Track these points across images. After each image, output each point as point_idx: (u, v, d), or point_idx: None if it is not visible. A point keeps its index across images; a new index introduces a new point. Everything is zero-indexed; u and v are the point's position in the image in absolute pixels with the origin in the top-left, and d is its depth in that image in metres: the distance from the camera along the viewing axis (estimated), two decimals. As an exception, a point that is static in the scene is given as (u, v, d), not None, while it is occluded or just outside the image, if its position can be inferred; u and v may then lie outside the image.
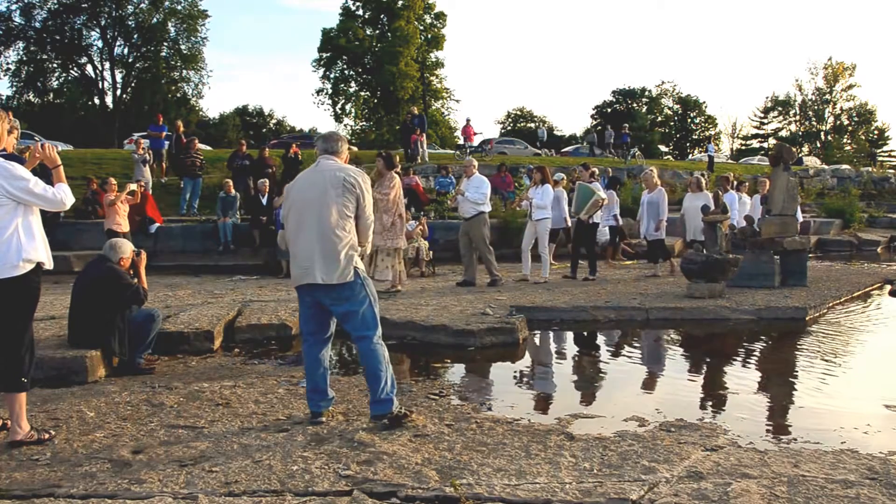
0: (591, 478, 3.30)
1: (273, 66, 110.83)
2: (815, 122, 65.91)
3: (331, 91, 51.73)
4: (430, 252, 12.42)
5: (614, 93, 67.82)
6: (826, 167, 34.92)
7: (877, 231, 20.63)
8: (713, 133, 66.72)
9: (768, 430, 4.29)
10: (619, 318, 7.96)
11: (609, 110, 65.47)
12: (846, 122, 65.70)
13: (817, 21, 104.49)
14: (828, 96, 65.46)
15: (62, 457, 3.64)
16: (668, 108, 69.29)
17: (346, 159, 4.37)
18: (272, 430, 4.03)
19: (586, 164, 11.97)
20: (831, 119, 66.05)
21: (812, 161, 42.68)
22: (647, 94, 67.90)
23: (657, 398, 5.11)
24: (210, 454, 3.64)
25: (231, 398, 4.73)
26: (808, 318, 7.88)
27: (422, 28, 52.33)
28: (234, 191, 14.58)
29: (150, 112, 35.43)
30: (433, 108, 52.61)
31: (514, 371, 6.12)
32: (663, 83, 69.24)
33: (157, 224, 13.93)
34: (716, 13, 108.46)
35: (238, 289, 10.23)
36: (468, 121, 28.95)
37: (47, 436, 3.85)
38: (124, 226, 10.99)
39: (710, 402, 5.01)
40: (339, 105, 52.11)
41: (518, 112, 70.74)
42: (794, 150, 13.30)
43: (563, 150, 38.62)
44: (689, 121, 68.74)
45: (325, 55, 50.80)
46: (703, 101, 68.55)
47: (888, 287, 10.40)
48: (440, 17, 52.88)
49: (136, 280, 5.66)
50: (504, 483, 3.24)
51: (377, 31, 51.30)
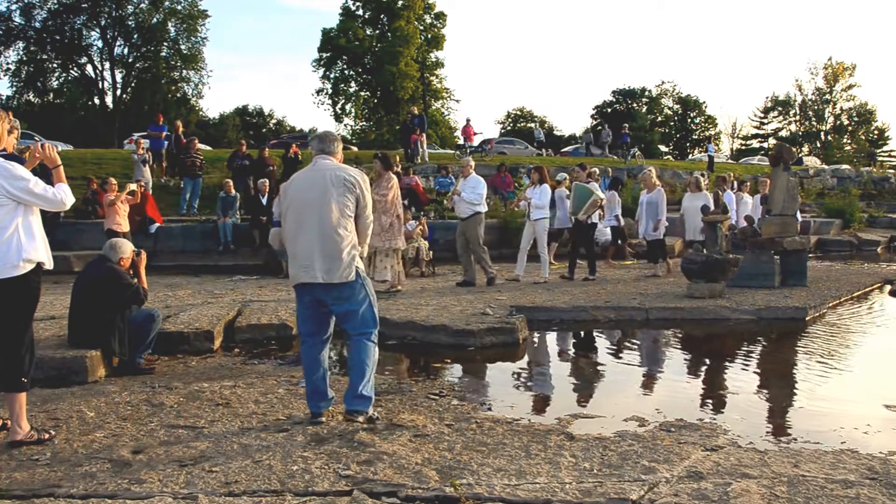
0: (591, 478, 3.30)
1: (273, 66, 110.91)
2: (815, 122, 65.89)
3: (331, 91, 51.82)
4: (430, 252, 12.42)
5: (614, 93, 67.87)
6: (826, 167, 34.91)
7: (877, 231, 20.62)
8: (713, 133, 66.71)
9: (768, 430, 4.29)
10: (618, 318, 7.96)
11: (609, 110, 65.43)
12: (846, 122, 65.67)
13: (817, 21, 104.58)
14: (828, 96, 65.45)
15: (62, 457, 3.64)
16: (668, 108, 69.27)
17: (341, 159, 4.36)
18: (272, 430, 4.03)
19: (583, 165, 11.98)
20: (831, 119, 66.04)
21: (812, 161, 42.65)
22: (647, 94, 67.89)
23: (657, 398, 5.11)
24: (210, 454, 3.64)
25: (231, 398, 4.73)
26: (808, 319, 7.88)
27: (422, 28, 52.34)
28: (234, 191, 14.60)
29: (150, 112, 35.41)
30: (433, 108, 52.61)
31: (514, 371, 6.12)
32: (663, 83, 69.33)
33: (157, 224, 13.94)
34: (716, 13, 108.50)
35: (238, 289, 10.23)
36: (468, 121, 28.98)
37: (47, 436, 3.85)
38: (124, 226, 10.99)
39: (710, 402, 5.01)
40: (339, 105, 52.20)
41: (518, 112, 70.73)
42: (794, 150, 13.31)
43: (562, 151, 38.60)
44: (689, 121, 68.70)
45: (325, 55, 50.83)
46: (703, 101, 68.59)
47: (888, 287, 10.41)
48: (440, 17, 52.94)
49: (136, 280, 5.66)
50: (504, 483, 3.24)
51: (377, 31, 51.31)
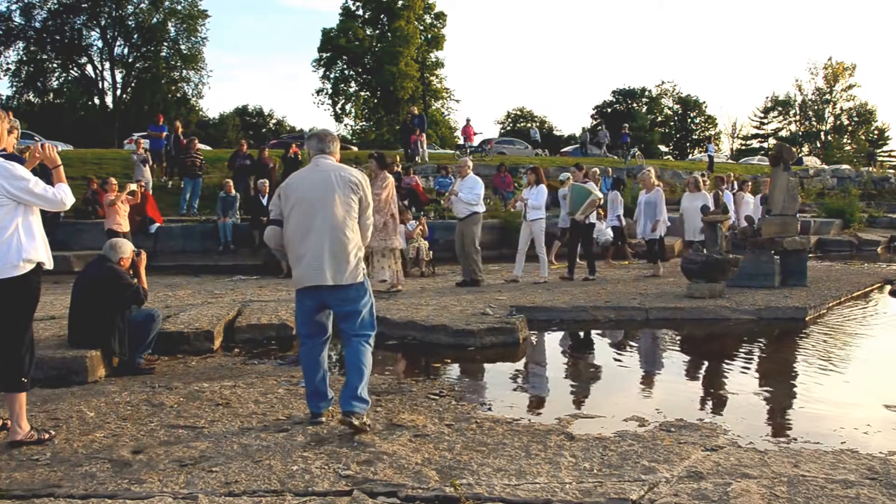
0: (591, 478, 3.30)
1: (273, 66, 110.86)
2: (815, 122, 65.88)
3: (331, 91, 51.78)
4: (430, 252, 12.42)
5: (614, 93, 67.88)
6: (826, 167, 34.91)
7: (877, 231, 20.62)
8: (713, 133, 66.72)
9: (768, 430, 4.29)
10: (618, 318, 7.96)
11: (609, 110, 65.44)
12: (846, 122, 65.66)
13: (817, 21, 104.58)
14: (828, 96, 65.44)
15: (62, 457, 3.64)
16: (668, 108, 69.27)
17: (339, 158, 4.33)
18: (272, 430, 4.03)
19: (579, 165, 11.99)
20: (831, 119, 66.03)
21: (812, 161, 42.64)
22: (647, 94, 67.89)
23: (657, 398, 5.11)
24: (210, 454, 3.64)
25: (231, 398, 4.73)
26: (807, 319, 7.88)
27: (422, 28, 52.32)
28: (234, 191, 14.60)
29: (150, 112, 35.42)
30: (433, 108, 52.60)
31: (515, 371, 6.12)
32: (663, 83, 69.34)
33: (157, 224, 13.94)
34: (716, 13, 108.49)
35: (238, 289, 10.23)
36: (468, 121, 29.00)
37: (47, 436, 3.85)
38: (124, 226, 10.99)
39: (710, 402, 5.01)
40: (339, 105, 52.17)
41: (518, 112, 70.73)
42: (794, 150, 13.31)
43: (562, 151, 38.61)
44: (689, 121, 68.70)
45: (325, 55, 50.81)
46: (703, 101, 68.62)
47: (888, 287, 10.41)
48: (440, 17, 52.91)
49: (136, 280, 5.66)
50: (504, 483, 3.24)
51: (377, 31, 51.30)
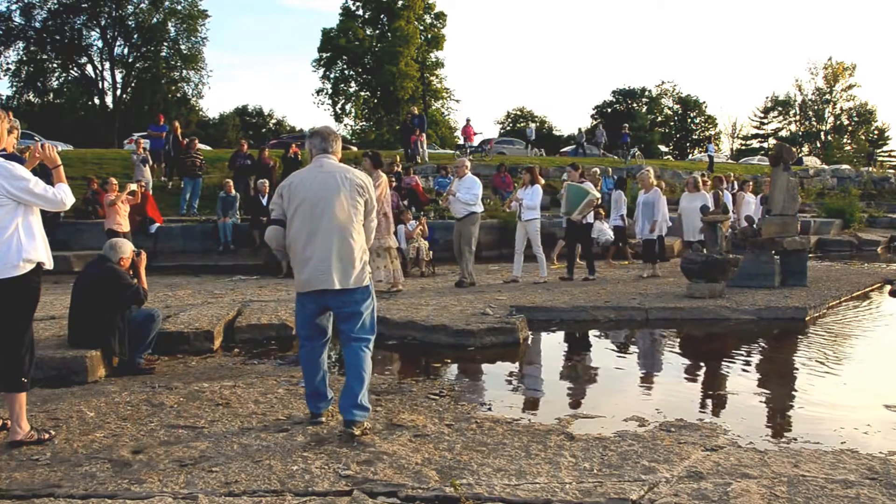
0: (591, 478, 3.30)
1: (273, 66, 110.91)
2: (815, 122, 65.90)
3: (331, 91, 51.83)
4: (430, 252, 12.42)
5: (614, 93, 67.88)
6: (826, 167, 34.91)
7: (877, 231, 20.62)
8: (713, 133, 66.74)
9: (768, 430, 4.29)
10: (618, 318, 7.96)
11: (609, 110, 65.46)
12: (846, 122, 65.68)
13: (817, 21, 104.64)
14: (828, 96, 65.46)
15: (62, 457, 3.64)
16: (668, 108, 69.28)
17: (340, 157, 4.31)
18: (272, 430, 4.03)
19: (575, 165, 11.97)
20: (831, 119, 66.05)
21: (812, 161, 42.65)
22: (647, 94, 67.89)
23: (657, 398, 5.11)
24: (210, 454, 3.64)
25: (231, 398, 4.73)
26: (807, 319, 7.88)
27: (422, 28, 52.34)
28: (234, 191, 14.60)
29: (150, 112, 35.41)
30: (433, 108, 52.61)
31: (515, 371, 6.12)
32: (663, 83, 69.35)
33: (158, 224, 13.94)
34: (716, 13, 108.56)
35: (238, 289, 10.23)
36: (468, 121, 29.05)
37: (47, 436, 3.85)
38: (125, 226, 10.99)
39: (710, 402, 5.01)
40: (339, 105, 52.21)
41: (518, 112, 70.73)
42: (794, 150, 13.30)
43: (561, 151, 38.64)
44: (689, 121, 68.70)
45: (325, 55, 50.82)
46: (703, 101, 68.65)
47: (888, 287, 10.41)
48: (440, 17, 52.93)
49: (136, 280, 5.66)
50: (504, 483, 3.24)
51: (377, 31, 51.31)
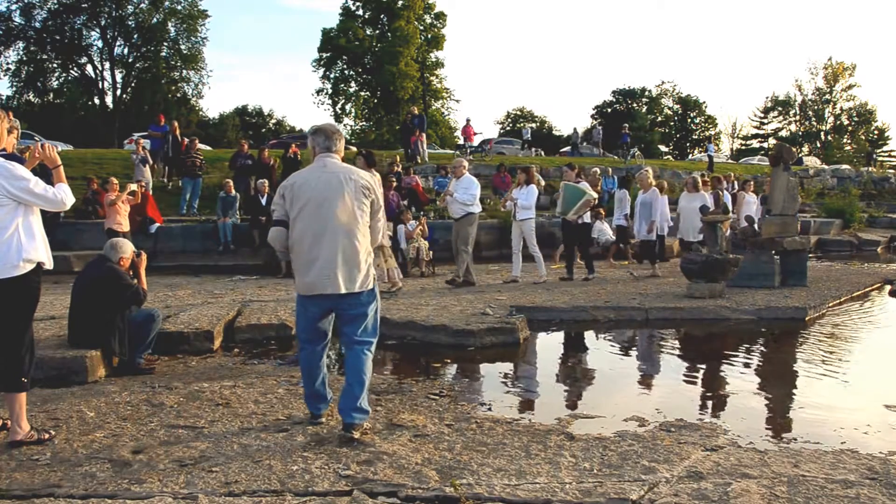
0: (591, 478, 3.30)
1: (273, 66, 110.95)
2: (815, 122, 65.90)
3: (331, 91, 51.82)
4: (430, 252, 12.42)
5: (614, 93, 67.88)
6: (826, 167, 34.92)
7: (877, 231, 20.62)
8: (713, 133, 66.75)
9: (768, 430, 4.29)
10: (618, 318, 7.96)
11: (609, 110, 65.48)
12: (846, 122, 65.68)
13: (817, 21, 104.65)
14: (828, 96, 65.46)
15: (62, 457, 3.64)
16: (668, 108, 69.28)
17: (343, 156, 4.29)
18: (272, 430, 4.03)
19: (571, 165, 11.95)
20: (831, 119, 66.06)
21: (812, 161, 42.66)
22: (647, 94, 67.89)
23: (657, 398, 5.11)
24: (210, 454, 3.64)
25: (231, 398, 4.73)
26: (807, 319, 7.88)
27: (422, 28, 52.33)
28: (234, 191, 14.59)
29: (150, 112, 35.41)
30: (433, 108, 52.60)
31: (515, 371, 6.12)
32: (663, 83, 69.35)
33: (158, 224, 13.94)
34: (716, 13, 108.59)
35: (238, 289, 10.23)
36: (468, 121, 29.08)
37: (47, 436, 3.85)
38: (125, 225, 10.98)
39: (710, 402, 5.01)
40: (339, 105, 52.19)
41: (518, 112, 70.73)
42: (794, 150, 13.30)
43: (561, 151, 38.66)
44: (689, 121, 68.72)
45: (325, 55, 50.82)
46: (703, 101, 68.66)
47: (888, 287, 10.41)
48: (440, 17, 52.92)
49: (135, 281, 5.66)
50: (504, 483, 3.24)
51: (377, 31, 51.31)
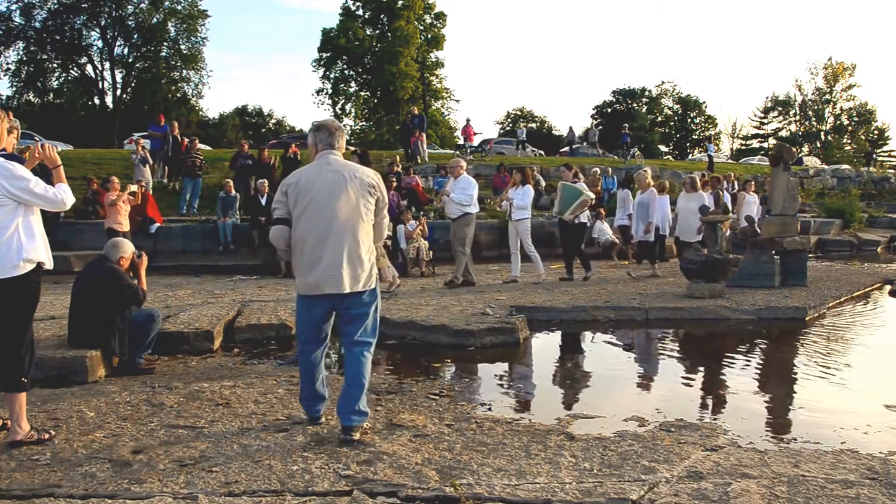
0: (591, 478, 3.30)
1: (273, 66, 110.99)
2: (815, 122, 65.92)
3: (331, 91, 51.88)
4: (430, 252, 12.42)
5: (614, 93, 67.92)
6: (826, 167, 34.94)
7: (877, 231, 20.63)
8: (713, 133, 66.76)
9: (768, 430, 4.29)
10: (618, 318, 7.96)
11: (609, 110, 65.51)
12: (846, 122, 65.69)
13: (817, 21, 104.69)
14: (828, 96, 65.49)
15: (62, 457, 3.63)
16: (668, 108, 69.29)
17: (344, 154, 4.27)
18: (272, 430, 4.03)
19: (569, 165, 11.95)
20: (831, 119, 66.08)
21: (812, 161, 42.67)
22: (647, 94, 67.90)
23: (657, 398, 5.11)
24: (210, 454, 3.64)
25: (231, 398, 4.73)
26: (807, 319, 7.88)
27: (422, 28, 52.37)
28: (234, 191, 14.59)
29: (150, 112, 35.40)
30: (433, 108, 52.62)
31: (514, 371, 6.12)
32: (663, 83, 69.41)
33: (158, 224, 13.93)
34: (716, 13, 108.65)
35: (238, 289, 10.23)
36: (468, 121, 29.07)
37: (47, 436, 3.85)
38: (125, 225, 10.97)
39: (710, 402, 5.01)
40: (339, 105, 52.22)
41: (518, 112, 70.76)
42: (794, 150, 13.30)
43: (560, 151, 38.66)
44: (689, 121, 68.74)
45: (325, 55, 50.86)
46: (703, 101, 68.72)
47: (888, 287, 10.41)
48: (440, 17, 52.97)
49: (135, 281, 5.65)
50: (504, 483, 3.24)
51: (377, 31, 51.34)
